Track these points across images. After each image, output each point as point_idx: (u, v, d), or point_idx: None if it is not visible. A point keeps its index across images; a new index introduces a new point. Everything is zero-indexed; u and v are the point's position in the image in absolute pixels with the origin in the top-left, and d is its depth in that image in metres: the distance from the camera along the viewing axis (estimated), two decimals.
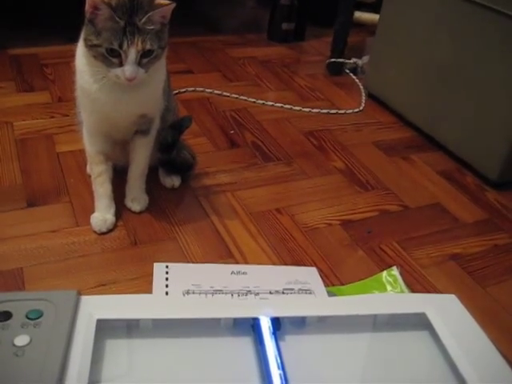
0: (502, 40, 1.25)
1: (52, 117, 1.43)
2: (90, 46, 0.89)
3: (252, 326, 0.74)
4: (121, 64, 0.88)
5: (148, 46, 0.88)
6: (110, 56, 0.88)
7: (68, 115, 1.41)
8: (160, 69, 0.99)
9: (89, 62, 0.93)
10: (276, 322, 0.74)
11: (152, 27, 0.88)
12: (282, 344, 0.72)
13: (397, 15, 1.56)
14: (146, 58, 0.90)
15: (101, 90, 0.94)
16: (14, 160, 1.24)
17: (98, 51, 0.88)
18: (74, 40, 0.97)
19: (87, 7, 0.87)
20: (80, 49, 0.95)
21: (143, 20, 0.87)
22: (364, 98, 1.71)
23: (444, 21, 1.40)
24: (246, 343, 0.73)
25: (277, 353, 0.69)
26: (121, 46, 0.87)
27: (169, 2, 0.89)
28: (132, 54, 0.87)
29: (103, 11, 0.86)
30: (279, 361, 0.68)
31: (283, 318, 0.75)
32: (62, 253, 1.00)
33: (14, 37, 1.84)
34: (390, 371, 0.73)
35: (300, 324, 0.75)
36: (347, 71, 1.88)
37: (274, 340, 0.71)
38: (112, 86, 0.94)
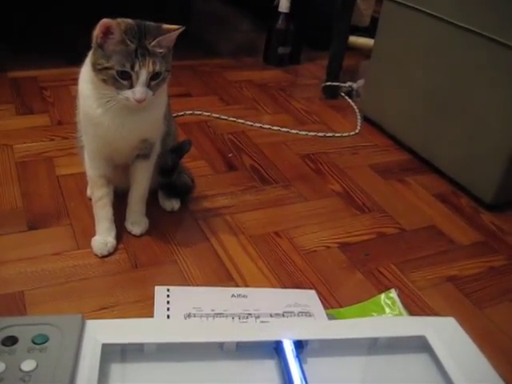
0: (494, 65, 1.28)
1: (52, 139, 1.44)
2: (99, 70, 0.91)
3: (275, 349, 0.74)
4: (131, 86, 0.90)
5: (158, 68, 0.91)
6: (121, 78, 0.90)
7: (67, 138, 1.42)
8: (162, 94, 1.01)
9: (96, 87, 0.94)
10: (299, 345, 0.74)
11: (160, 50, 0.91)
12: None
13: (392, 40, 1.59)
14: (154, 81, 0.92)
15: (104, 115, 0.96)
16: (15, 183, 1.25)
17: (109, 74, 0.90)
18: (73, 63, 0.99)
19: (98, 32, 0.89)
20: (85, 74, 0.96)
21: (153, 43, 0.90)
22: (359, 121, 1.73)
23: (438, 46, 1.43)
24: (267, 365, 0.73)
25: (302, 375, 0.70)
26: (132, 68, 0.89)
27: (176, 26, 0.92)
28: (143, 75, 0.90)
29: (116, 34, 0.88)
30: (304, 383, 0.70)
31: (306, 340, 0.75)
32: (63, 276, 1.00)
33: (13, 60, 1.85)
34: None
35: (303, 347, 0.76)
36: (342, 94, 1.90)
37: (298, 363, 0.72)
38: (115, 111, 0.95)
